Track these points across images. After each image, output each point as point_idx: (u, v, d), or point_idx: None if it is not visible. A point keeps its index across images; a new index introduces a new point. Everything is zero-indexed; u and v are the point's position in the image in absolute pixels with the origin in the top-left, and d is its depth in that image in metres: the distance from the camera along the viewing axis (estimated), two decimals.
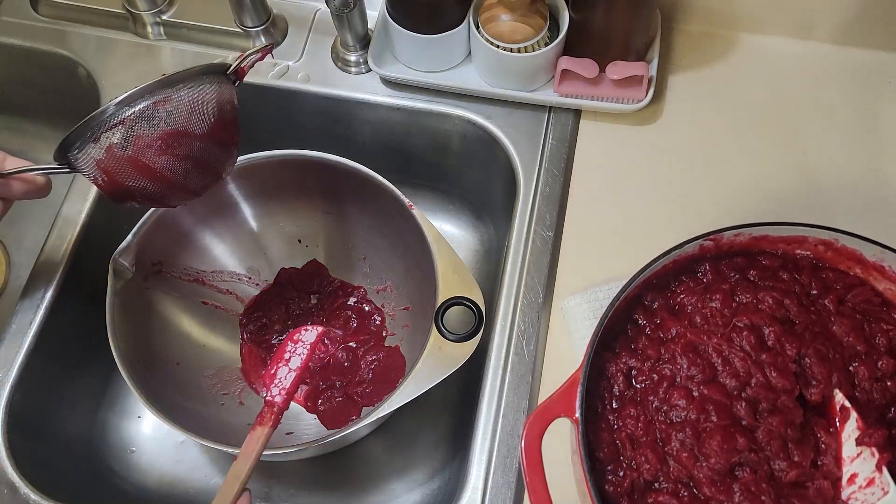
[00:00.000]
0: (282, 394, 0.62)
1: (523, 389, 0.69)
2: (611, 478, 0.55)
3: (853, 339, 0.58)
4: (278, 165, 0.76)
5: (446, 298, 0.69)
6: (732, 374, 0.57)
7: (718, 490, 0.53)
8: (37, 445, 0.72)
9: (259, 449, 0.60)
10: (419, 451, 0.83)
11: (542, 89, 0.80)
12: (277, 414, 0.62)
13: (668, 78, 0.83)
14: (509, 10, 0.74)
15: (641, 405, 0.57)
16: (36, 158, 0.63)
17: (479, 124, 0.82)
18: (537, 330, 0.71)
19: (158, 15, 0.86)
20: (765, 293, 0.60)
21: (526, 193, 0.77)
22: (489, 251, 0.93)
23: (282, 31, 0.87)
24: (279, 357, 0.64)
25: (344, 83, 0.84)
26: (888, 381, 0.57)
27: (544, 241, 0.75)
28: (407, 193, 0.73)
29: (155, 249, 0.74)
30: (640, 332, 0.60)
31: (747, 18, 0.84)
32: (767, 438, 0.54)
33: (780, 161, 0.78)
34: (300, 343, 0.65)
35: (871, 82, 0.83)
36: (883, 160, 0.78)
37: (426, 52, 0.79)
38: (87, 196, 0.78)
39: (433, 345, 0.67)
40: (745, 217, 0.61)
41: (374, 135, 0.88)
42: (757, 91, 0.83)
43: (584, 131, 0.81)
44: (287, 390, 0.63)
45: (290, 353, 0.64)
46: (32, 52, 0.87)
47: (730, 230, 0.60)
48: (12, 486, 0.67)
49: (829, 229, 0.60)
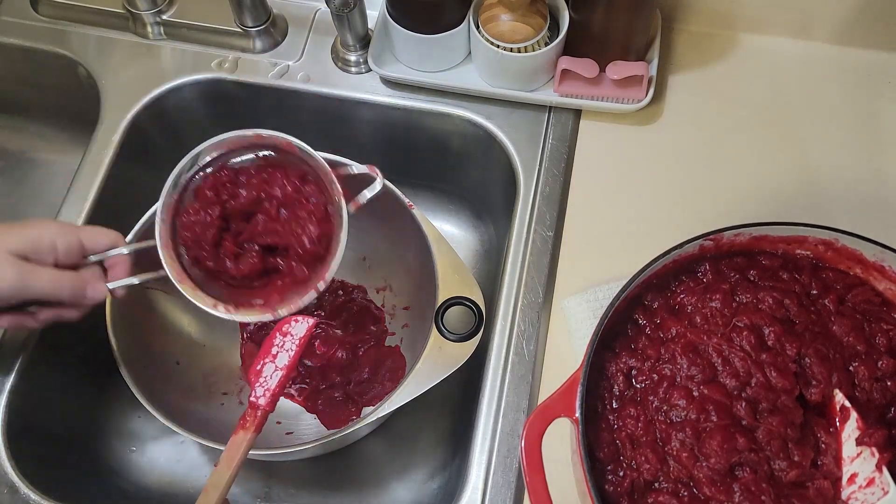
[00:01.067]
0: (266, 395, 0.58)
1: (523, 389, 0.69)
2: (611, 478, 0.55)
3: (853, 339, 0.58)
4: None
5: (446, 298, 0.69)
6: (732, 374, 0.57)
7: (718, 490, 0.53)
8: (37, 445, 0.71)
9: (241, 456, 0.56)
10: (419, 451, 0.83)
11: (542, 89, 0.80)
12: (261, 418, 0.57)
13: (668, 78, 0.83)
14: (509, 10, 0.74)
15: (641, 405, 0.57)
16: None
17: (479, 124, 0.82)
18: (537, 330, 0.71)
19: (158, 15, 0.86)
20: (765, 293, 0.60)
21: (526, 193, 0.77)
22: (489, 251, 0.93)
23: (282, 31, 0.87)
24: (266, 351, 0.60)
25: (344, 83, 0.84)
26: (888, 381, 0.57)
27: (544, 241, 0.75)
28: (407, 193, 0.73)
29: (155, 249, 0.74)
30: (640, 331, 0.60)
31: (747, 18, 0.84)
32: (767, 438, 0.54)
33: (780, 161, 0.78)
34: (288, 336, 0.60)
35: (871, 82, 0.83)
36: (883, 160, 0.78)
37: (426, 52, 0.79)
38: (87, 196, 0.78)
39: (433, 345, 0.67)
40: (745, 217, 0.61)
41: (374, 135, 0.88)
42: (757, 91, 0.83)
43: (584, 131, 0.81)
44: (272, 391, 0.58)
45: (277, 347, 0.60)
46: (32, 52, 0.87)
47: (730, 230, 0.60)
48: (12, 486, 0.66)
49: (829, 229, 0.60)
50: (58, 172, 0.99)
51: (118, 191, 0.80)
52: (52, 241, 0.59)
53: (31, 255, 0.58)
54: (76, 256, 0.60)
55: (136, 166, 0.83)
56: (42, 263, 0.58)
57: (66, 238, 0.59)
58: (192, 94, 0.86)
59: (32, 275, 0.57)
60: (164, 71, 0.85)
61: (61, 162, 0.99)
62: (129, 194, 0.81)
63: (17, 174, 0.99)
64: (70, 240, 0.60)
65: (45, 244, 0.58)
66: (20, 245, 0.57)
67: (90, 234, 0.62)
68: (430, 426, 0.84)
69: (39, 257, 0.58)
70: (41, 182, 0.99)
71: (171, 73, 0.84)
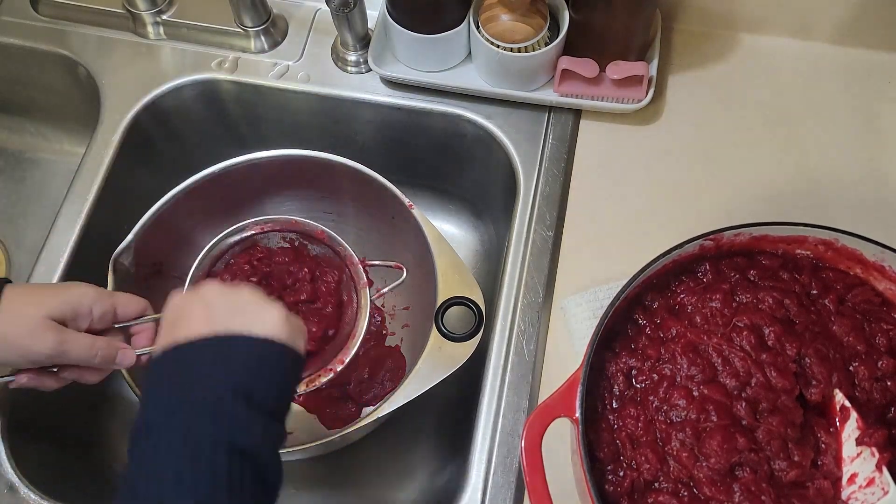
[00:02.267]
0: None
1: (523, 389, 0.69)
2: (611, 478, 0.55)
3: (853, 338, 0.58)
4: (278, 165, 0.76)
5: (446, 298, 0.69)
6: (732, 374, 0.57)
7: (718, 490, 0.53)
8: (37, 445, 0.71)
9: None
10: (419, 451, 0.83)
11: (542, 89, 0.80)
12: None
13: (668, 78, 0.83)
14: (509, 10, 0.74)
15: (641, 405, 0.57)
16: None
17: (479, 124, 0.81)
18: (537, 330, 0.71)
19: (158, 15, 0.86)
20: (765, 293, 0.60)
21: (526, 193, 0.77)
22: (489, 251, 0.93)
23: (282, 31, 0.87)
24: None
25: (344, 83, 0.84)
26: (888, 381, 0.57)
27: (544, 241, 0.75)
28: (407, 193, 0.73)
29: (155, 249, 0.74)
30: (641, 331, 0.60)
31: (747, 18, 0.84)
32: (767, 438, 0.54)
33: (780, 161, 0.78)
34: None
35: (871, 82, 0.83)
36: (883, 160, 0.78)
37: (426, 52, 0.79)
38: (87, 196, 0.78)
39: (433, 345, 0.67)
40: (746, 217, 0.61)
41: (375, 135, 0.88)
42: (757, 91, 0.83)
43: (584, 131, 0.81)
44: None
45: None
46: (32, 51, 0.87)
47: (730, 230, 0.60)
48: (12, 486, 0.66)
49: (829, 229, 0.60)
50: (58, 172, 0.99)
51: (118, 191, 0.80)
52: (90, 307, 0.59)
53: (70, 321, 0.58)
54: (108, 323, 0.61)
55: (136, 166, 0.84)
56: (77, 328, 0.59)
57: (103, 305, 0.60)
58: (192, 94, 0.86)
59: (70, 342, 0.57)
60: (164, 71, 0.85)
61: (61, 162, 0.99)
62: (129, 194, 0.81)
63: (17, 174, 0.99)
64: (105, 307, 0.60)
65: (84, 310, 0.59)
66: (61, 311, 0.57)
67: (124, 301, 0.62)
68: (431, 426, 0.84)
69: (77, 323, 0.58)
70: (41, 182, 0.99)
71: (171, 73, 0.84)
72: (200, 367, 0.46)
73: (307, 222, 0.71)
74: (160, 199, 0.72)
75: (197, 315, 0.49)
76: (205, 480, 0.42)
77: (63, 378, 0.60)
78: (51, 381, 0.60)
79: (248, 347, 0.48)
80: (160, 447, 0.43)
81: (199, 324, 0.48)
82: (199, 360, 0.47)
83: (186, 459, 0.42)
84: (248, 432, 0.44)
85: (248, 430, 0.44)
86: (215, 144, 0.91)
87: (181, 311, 0.50)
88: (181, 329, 0.48)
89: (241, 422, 0.44)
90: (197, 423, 0.44)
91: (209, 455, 0.43)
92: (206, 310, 0.49)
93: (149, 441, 0.44)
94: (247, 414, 0.45)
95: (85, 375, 0.61)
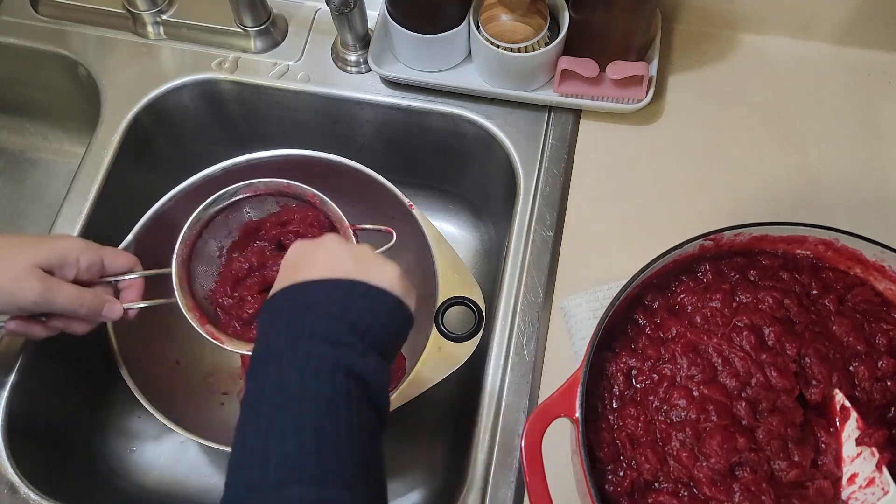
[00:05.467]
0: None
1: (523, 389, 0.69)
2: (611, 478, 0.55)
3: (853, 338, 0.58)
4: (278, 165, 0.76)
5: (446, 298, 0.69)
6: (732, 374, 0.57)
7: (718, 490, 0.53)
8: (37, 445, 0.72)
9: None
10: (419, 451, 0.83)
11: (542, 89, 0.80)
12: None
13: (668, 78, 0.83)
14: (509, 10, 0.74)
15: (641, 405, 0.57)
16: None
17: (479, 124, 0.82)
18: (537, 330, 0.71)
19: (158, 15, 0.86)
20: (765, 293, 0.60)
21: (526, 193, 0.77)
22: (489, 251, 0.93)
23: (282, 31, 0.87)
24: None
25: (344, 83, 0.84)
26: (888, 381, 0.57)
27: (544, 241, 0.75)
28: (407, 193, 0.73)
29: (155, 249, 0.74)
30: (641, 332, 0.60)
31: (747, 18, 0.84)
32: (767, 438, 0.54)
33: (780, 161, 0.78)
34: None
35: (871, 82, 0.83)
36: (883, 160, 0.78)
37: (426, 52, 0.79)
38: (87, 196, 0.78)
39: (433, 345, 0.67)
40: (745, 217, 0.61)
41: (375, 135, 0.88)
42: (757, 91, 0.83)
43: (584, 131, 0.81)
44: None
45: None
46: (32, 51, 0.87)
47: (730, 230, 0.60)
48: (12, 486, 0.66)
49: (829, 229, 0.60)
50: (58, 172, 0.99)
51: (118, 191, 0.80)
52: (77, 257, 0.61)
53: (56, 270, 0.59)
54: (95, 275, 0.63)
55: (136, 166, 0.84)
56: (64, 278, 0.60)
57: (90, 256, 0.62)
58: (192, 94, 0.86)
59: (56, 290, 0.59)
60: (164, 71, 0.85)
61: (61, 162, 0.99)
62: (129, 194, 0.81)
63: (17, 174, 0.99)
64: (93, 258, 0.62)
65: (71, 260, 0.60)
66: (47, 259, 0.59)
67: (111, 255, 0.64)
68: (431, 426, 0.84)
69: (63, 273, 0.60)
70: (41, 182, 0.99)
71: (171, 73, 0.84)
72: (321, 303, 0.48)
73: (300, 185, 0.70)
74: (160, 199, 0.72)
75: (320, 259, 0.50)
76: (326, 391, 0.44)
77: (51, 327, 0.62)
78: (39, 328, 0.61)
79: (367, 293, 0.49)
80: (283, 367, 0.45)
81: (322, 268, 0.50)
82: (321, 297, 0.48)
83: (309, 374, 0.44)
84: (364, 362, 0.46)
85: (363, 360, 0.46)
86: (215, 144, 0.91)
87: (303, 255, 0.52)
88: (302, 271, 0.50)
89: (357, 352, 0.46)
90: (318, 349, 0.46)
91: (330, 372, 0.45)
92: (329, 256, 0.50)
93: (271, 363, 0.46)
94: (362, 347, 0.47)
95: (73, 325, 0.62)
